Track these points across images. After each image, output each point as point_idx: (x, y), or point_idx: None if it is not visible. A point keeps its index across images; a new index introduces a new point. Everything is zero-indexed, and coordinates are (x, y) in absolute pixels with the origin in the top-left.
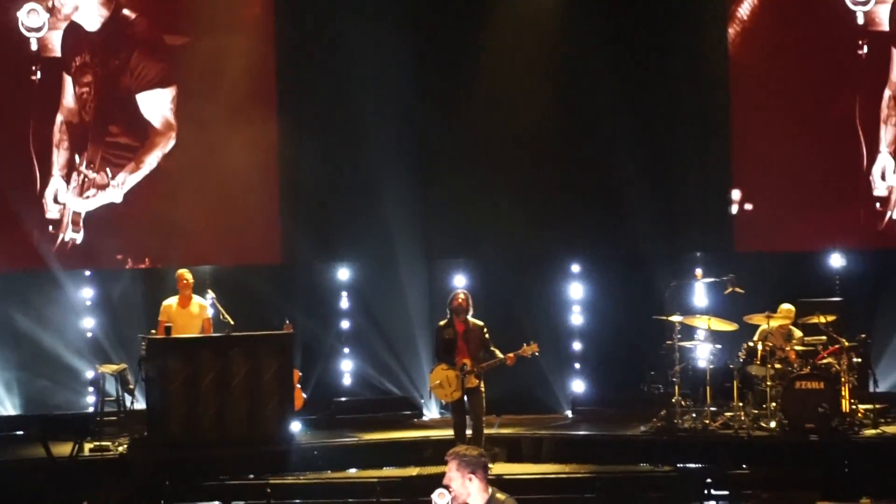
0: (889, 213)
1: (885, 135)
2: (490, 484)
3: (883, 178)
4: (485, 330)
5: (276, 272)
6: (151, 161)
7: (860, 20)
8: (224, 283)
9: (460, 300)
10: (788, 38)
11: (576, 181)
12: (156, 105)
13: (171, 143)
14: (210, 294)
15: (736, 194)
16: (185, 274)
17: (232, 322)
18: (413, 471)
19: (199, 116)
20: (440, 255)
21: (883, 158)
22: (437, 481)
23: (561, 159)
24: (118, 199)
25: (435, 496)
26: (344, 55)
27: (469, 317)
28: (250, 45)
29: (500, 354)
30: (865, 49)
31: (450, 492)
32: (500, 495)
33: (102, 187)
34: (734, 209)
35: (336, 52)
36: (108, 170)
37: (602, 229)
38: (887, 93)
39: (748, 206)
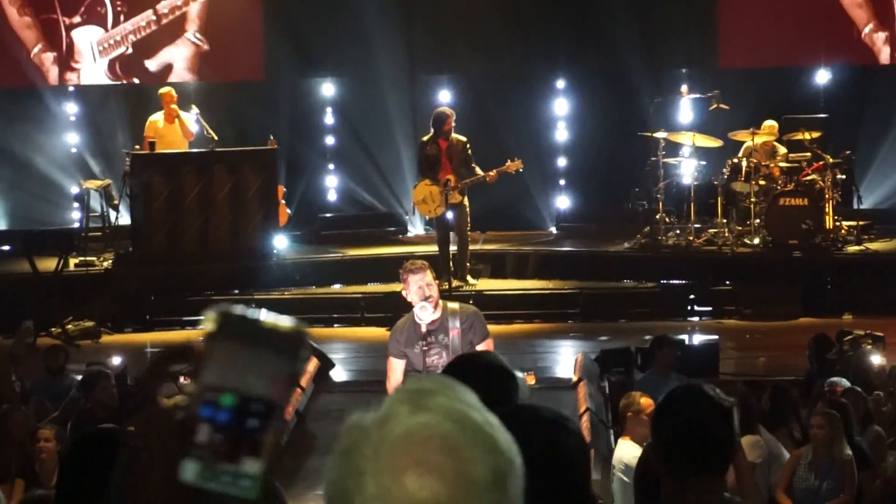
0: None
1: None
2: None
3: None
4: (468, 146)
5: (260, 88)
6: None
7: None
8: (208, 99)
9: (444, 116)
10: None
11: None
12: None
13: None
14: (194, 110)
15: None
16: (170, 91)
17: (216, 138)
18: (397, 286)
19: None
20: (424, 72)
21: None
22: None
23: None
24: None
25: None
26: None
27: (452, 133)
28: None
29: (480, 172)
30: None
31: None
32: None
33: None
34: None
35: None
36: None
37: (586, 45)
38: None
39: None
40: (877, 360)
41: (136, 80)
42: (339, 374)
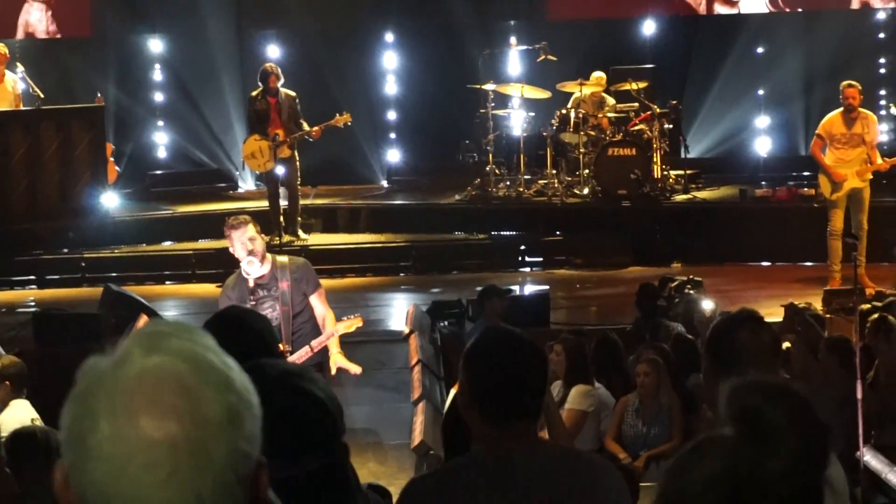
0: None
1: None
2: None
3: None
4: (297, 101)
5: (87, 45)
6: None
7: None
8: (35, 57)
9: (268, 72)
10: None
11: None
12: None
13: None
14: (20, 68)
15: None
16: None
17: (42, 96)
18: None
19: None
20: (252, 27)
21: None
22: None
23: None
24: None
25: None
26: None
27: (281, 87)
28: None
29: (306, 127)
30: None
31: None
32: None
33: None
34: None
35: None
36: None
37: None
38: None
39: None
40: (707, 305)
41: None
42: None
